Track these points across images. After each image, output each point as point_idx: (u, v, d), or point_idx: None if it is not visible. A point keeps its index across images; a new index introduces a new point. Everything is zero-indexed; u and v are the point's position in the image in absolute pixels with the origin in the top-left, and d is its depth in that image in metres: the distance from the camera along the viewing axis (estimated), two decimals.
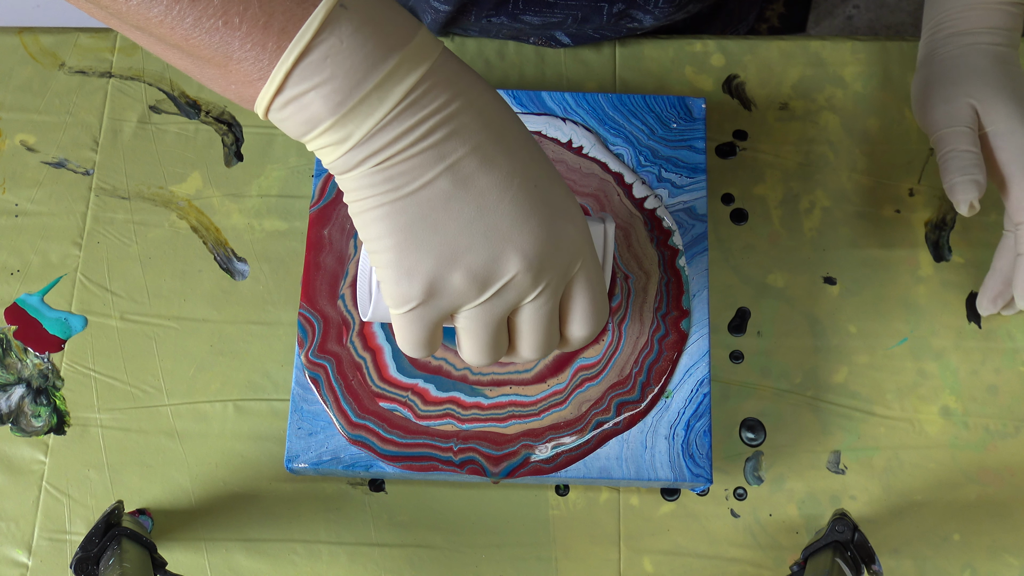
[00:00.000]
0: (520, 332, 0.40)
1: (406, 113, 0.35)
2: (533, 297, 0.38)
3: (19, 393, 0.56)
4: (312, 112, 0.34)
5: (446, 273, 0.37)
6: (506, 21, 0.62)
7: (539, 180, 0.38)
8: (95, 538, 0.47)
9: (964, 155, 0.52)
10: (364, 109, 0.34)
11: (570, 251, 0.38)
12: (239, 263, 0.59)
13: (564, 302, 0.40)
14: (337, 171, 0.36)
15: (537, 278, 0.38)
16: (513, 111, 0.39)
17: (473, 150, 0.36)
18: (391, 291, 0.38)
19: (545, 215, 0.37)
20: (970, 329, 0.59)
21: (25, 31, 0.64)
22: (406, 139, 0.35)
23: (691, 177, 0.57)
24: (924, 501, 0.55)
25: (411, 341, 0.39)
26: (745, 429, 0.56)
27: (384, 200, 0.36)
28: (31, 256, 0.59)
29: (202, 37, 0.34)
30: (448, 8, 0.60)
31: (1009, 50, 0.54)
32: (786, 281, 0.59)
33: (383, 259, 0.37)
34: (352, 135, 0.35)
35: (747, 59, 0.64)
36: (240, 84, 0.35)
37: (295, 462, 0.52)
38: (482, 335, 0.39)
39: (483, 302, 0.38)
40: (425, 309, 0.38)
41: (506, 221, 0.37)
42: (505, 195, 0.37)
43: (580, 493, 0.55)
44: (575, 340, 0.42)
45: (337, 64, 0.34)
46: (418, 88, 0.35)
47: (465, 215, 0.36)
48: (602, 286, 0.41)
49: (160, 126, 0.62)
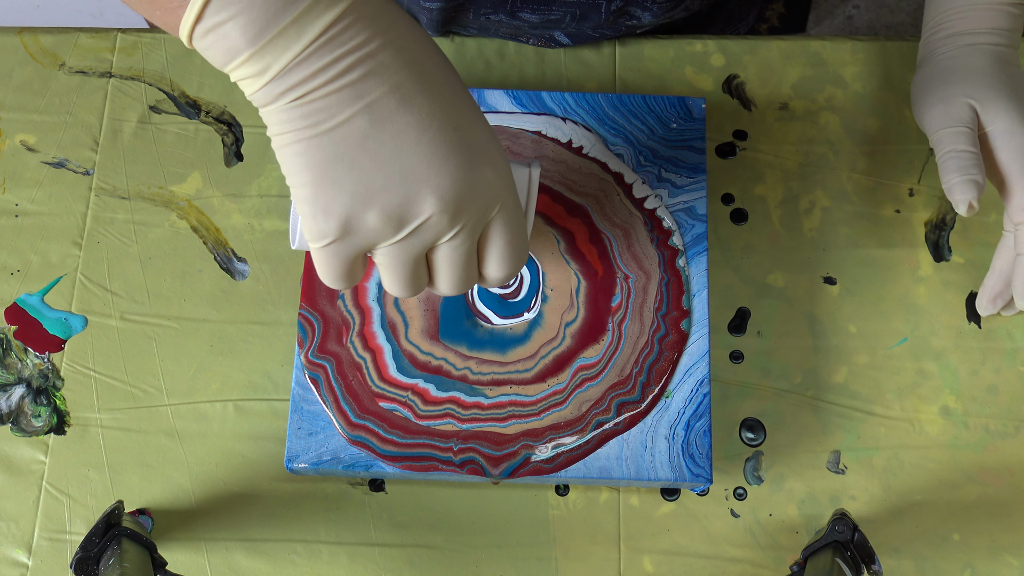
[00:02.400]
0: (437, 270, 0.41)
1: (324, 49, 0.35)
2: (449, 237, 0.39)
3: (19, 393, 0.57)
4: (231, 42, 0.35)
5: (361, 211, 0.37)
6: (504, 19, 0.62)
7: (460, 122, 0.38)
8: (95, 538, 0.47)
9: (963, 155, 0.52)
10: (281, 42, 0.35)
11: (488, 194, 0.39)
12: (239, 263, 0.59)
13: (482, 243, 0.41)
14: (258, 104, 0.37)
15: (453, 219, 0.38)
16: (440, 52, 0.39)
17: (392, 90, 0.36)
18: (308, 226, 0.38)
19: (463, 157, 0.38)
20: (970, 329, 0.59)
21: (25, 31, 0.64)
22: (323, 75, 0.35)
23: (691, 177, 0.57)
24: (924, 501, 0.55)
25: (328, 274, 0.40)
26: (745, 429, 0.56)
27: (302, 136, 0.36)
28: (31, 256, 0.59)
29: None
30: (439, 5, 0.60)
31: (1009, 50, 0.54)
32: (786, 281, 0.59)
33: (301, 194, 0.38)
34: (270, 67, 0.35)
35: (747, 59, 0.64)
36: (163, 10, 0.36)
37: (295, 462, 0.52)
38: (399, 271, 0.40)
39: (399, 240, 0.38)
40: (341, 245, 0.38)
41: (423, 162, 0.37)
42: (423, 136, 0.37)
43: (580, 493, 0.55)
44: (492, 279, 0.42)
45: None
46: (337, 24, 0.35)
47: (382, 155, 0.37)
48: (522, 229, 0.42)
49: (160, 126, 0.62)
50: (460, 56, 0.64)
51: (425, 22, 0.63)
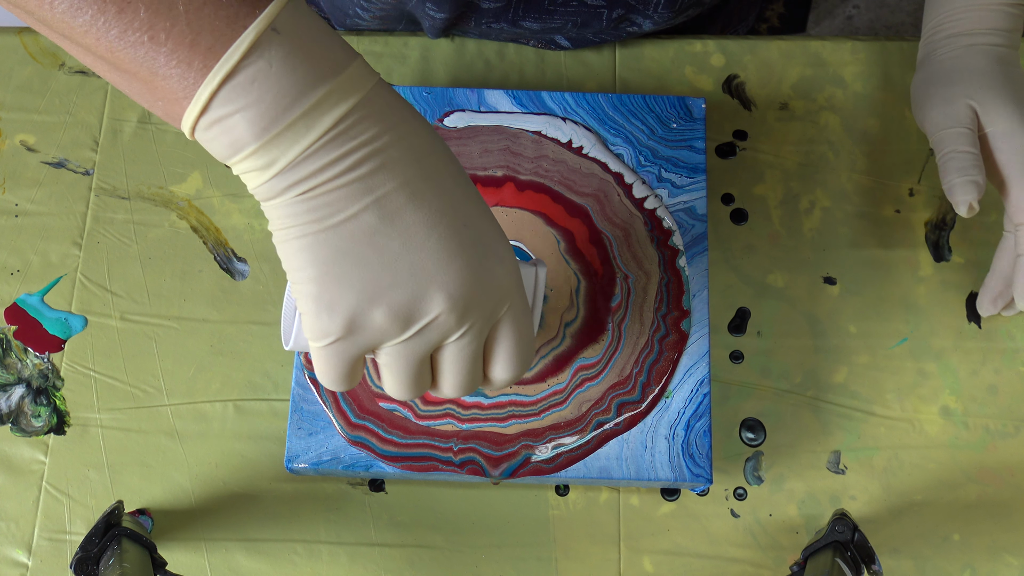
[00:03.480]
0: (442, 370, 0.39)
1: (333, 143, 0.34)
2: (456, 337, 0.38)
3: (19, 393, 0.56)
4: (237, 135, 0.34)
5: (368, 309, 0.36)
6: (506, 27, 0.62)
7: (469, 219, 0.37)
8: (95, 538, 0.47)
9: (963, 156, 0.52)
10: (290, 136, 0.34)
11: (497, 293, 0.38)
12: (239, 263, 0.59)
13: (489, 343, 0.39)
14: (261, 197, 0.35)
15: (461, 318, 0.37)
16: (447, 149, 0.38)
17: (402, 185, 0.35)
18: (311, 324, 0.37)
19: (473, 255, 0.37)
20: (970, 329, 0.59)
21: (25, 31, 0.64)
22: (332, 170, 0.34)
23: (691, 177, 0.57)
24: (924, 501, 0.55)
25: (329, 376, 0.38)
26: (745, 429, 0.56)
27: (307, 231, 0.35)
28: (31, 256, 0.59)
29: (127, 50, 0.33)
30: (444, 15, 0.60)
31: (1009, 51, 0.54)
32: (786, 281, 0.59)
33: (304, 291, 0.36)
34: (276, 161, 0.34)
35: (747, 59, 0.64)
36: (166, 101, 0.34)
37: (295, 462, 0.52)
38: (403, 372, 0.38)
39: (405, 340, 0.37)
40: (344, 344, 0.37)
41: (432, 259, 0.36)
42: (432, 233, 0.36)
43: (580, 493, 0.55)
44: (497, 382, 0.41)
45: (264, 88, 0.33)
46: (347, 119, 0.34)
47: (390, 251, 0.35)
48: (529, 330, 0.40)
49: (160, 126, 0.62)
50: (460, 56, 0.64)
51: (427, 27, 0.63)
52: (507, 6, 0.60)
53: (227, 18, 0.33)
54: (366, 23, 0.66)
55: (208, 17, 0.33)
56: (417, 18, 0.63)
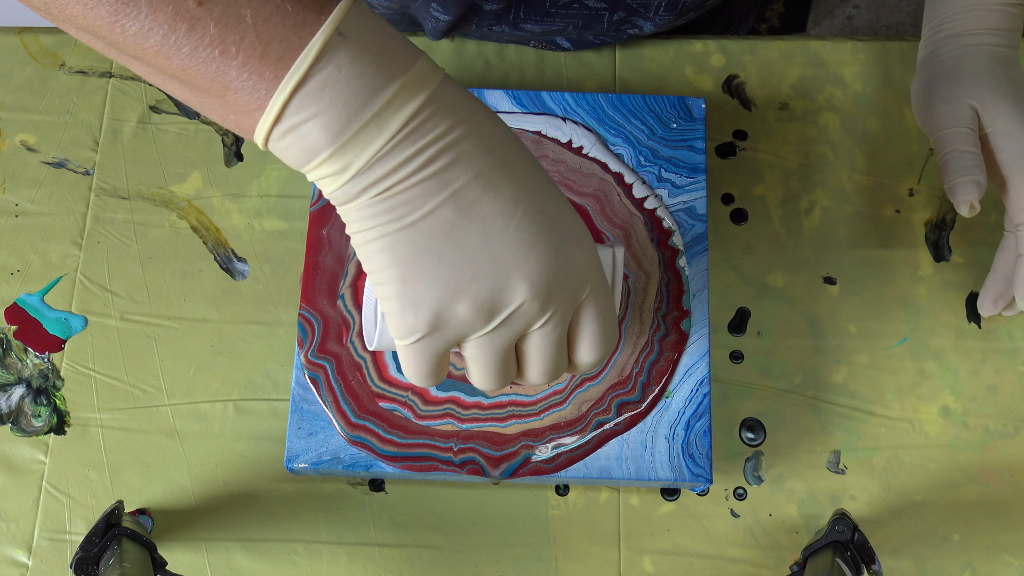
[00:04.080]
0: (528, 358, 0.40)
1: (406, 142, 0.34)
2: (541, 324, 0.38)
3: (19, 393, 0.57)
4: (311, 142, 0.34)
5: (452, 304, 0.36)
6: (507, 29, 0.62)
7: (545, 206, 0.37)
8: (95, 538, 0.47)
9: (964, 156, 0.52)
10: (363, 138, 0.34)
11: (578, 277, 0.38)
12: (239, 263, 0.59)
13: (573, 328, 0.40)
14: (338, 202, 0.36)
15: (545, 305, 0.37)
16: (517, 138, 0.38)
17: (476, 177, 0.35)
18: (396, 323, 0.37)
19: (552, 241, 0.37)
20: (970, 329, 0.59)
21: (25, 31, 0.64)
22: (406, 168, 0.34)
23: (691, 177, 0.57)
24: (924, 501, 0.55)
25: (418, 372, 0.38)
26: (745, 429, 0.56)
27: (386, 231, 0.35)
28: (31, 256, 0.59)
29: (199, 67, 0.34)
30: (448, 18, 0.60)
31: (1009, 51, 0.54)
32: (786, 281, 0.59)
33: (387, 291, 0.36)
34: (351, 165, 0.34)
35: (747, 59, 0.64)
36: (238, 114, 0.35)
37: (295, 462, 0.52)
38: (490, 363, 0.39)
39: (490, 331, 0.37)
40: (431, 340, 0.37)
41: (511, 248, 0.36)
42: (510, 222, 0.36)
43: (580, 493, 0.55)
44: (583, 365, 0.41)
45: (335, 93, 0.33)
46: (418, 116, 0.34)
47: (469, 243, 0.36)
48: (612, 311, 0.40)
49: (160, 126, 0.62)
50: (460, 56, 0.64)
51: (429, 29, 0.63)
52: (508, 8, 0.60)
53: (294, 26, 0.33)
54: None
55: (276, 27, 0.33)
56: (420, 20, 0.63)
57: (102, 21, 0.34)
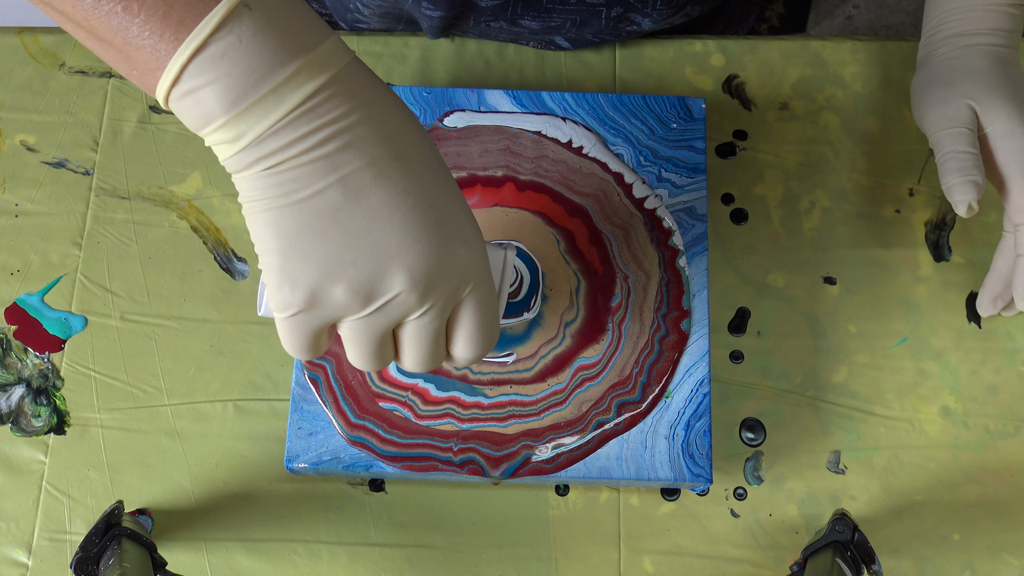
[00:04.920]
0: (403, 346, 0.40)
1: (301, 120, 0.35)
2: (418, 315, 0.38)
3: (19, 393, 0.57)
4: (206, 107, 0.34)
5: (328, 285, 0.36)
6: (505, 26, 0.62)
7: (436, 200, 0.37)
8: (95, 538, 0.47)
9: (963, 156, 0.52)
10: (258, 111, 0.34)
11: (460, 274, 0.38)
12: (239, 263, 0.59)
13: (451, 322, 0.40)
14: (231, 169, 0.36)
15: (423, 298, 0.37)
16: (421, 129, 0.38)
17: (368, 164, 0.36)
18: (274, 296, 0.37)
19: (437, 236, 0.37)
20: (970, 329, 0.59)
21: (25, 31, 0.64)
22: (298, 146, 0.35)
23: (691, 177, 0.57)
24: (924, 501, 0.55)
25: (292, 344, 0.39)
26: (745, 429, 0.56)
27: (273, 205, 0.36)
28: (31, 256, 0.59)
29: (101, 19, 0.34)
30: (440, 13, 0.60)
31: (1009, 51, 0.54)
32: (786, 281, 0.59)
33: (268, 262, 0.37)
34: (244, 135, 0.35)
35: (747, 59, 0.64)
36: (140, 71, 0.35)
37: (295, 462, 0.52)
38: (363, 346, 0.39)
39: (365, 316, 0.38)
40: (306, 316, 0.37)
41: (394, 238, 0.36)
42: (396, 212, 0.36)
43: (580, 493, 0.55)
44: (460, 360, 0.41)
45: (233, 63, 0.34)
46: (317, 96, 0.35)
47: (353, 228, 0.36)
48: (493, 311, 0.41)
49: (160, 126, 0.62)
50: (460, 56, 0.64)
51: (425, 27, 0.63)
52: (505, 4, 0.60)
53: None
54: (366, 20, 0.66)
55: None
56: (415, 18, 0.63)
57: None
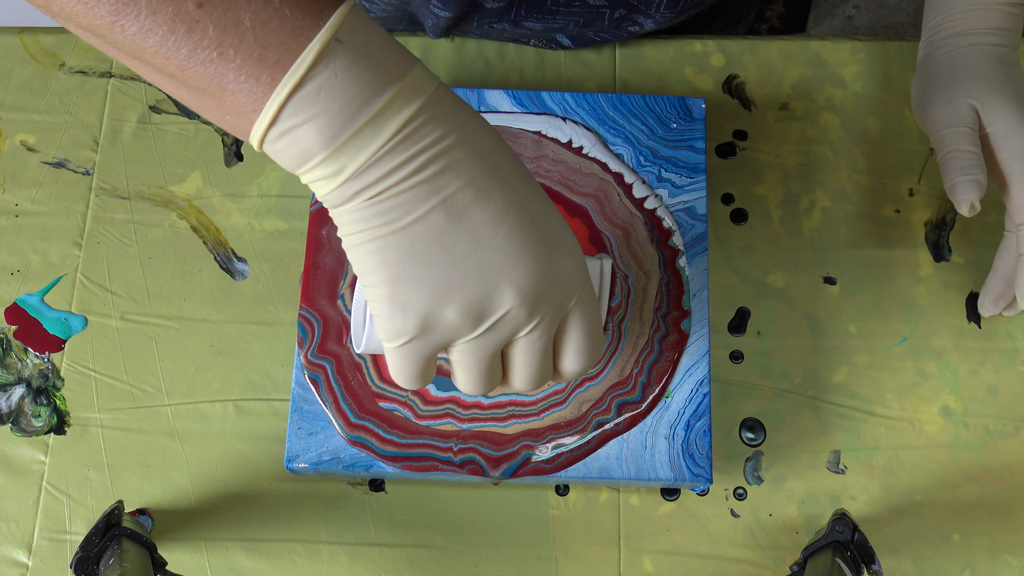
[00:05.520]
0: (514, 365, 0.40)
1: (400, 147, 0.35)
2: (527, 331, 0.38)
3: (19, 393, 0.57)
4: (305, 145, 0.34)
5: (440, 308, 0.37)
6: (508, 27, 0.62)
7: (535, 215, 0.37)
8: (95, 538, 0.47)
9: (965, 155, 0.52)
10: (357, 143, 0.34)
11: (565, 286, 0.38)
12: (239, 263, 0.59)
13: (559, 336, 0.40)
14: (331, 204, 0.36)
15: (532, 313, 0.38)
16: (509, 147, 0.38)
17: (467, 184, 0.36)
18: (384, 325, 0.37)
19: (540, 250, 0.37)
20: (970, 329, 0.59)
21: (25, 31, 0.64)
22: (399, 173, 0.35)
23: (691, 177, 0.57)
24: (924, 501, 0.55)
25: (404, 374, 0.39)
26: (745, 429, 0.56)
27: (377, 234, 0.36)
28: (31, 256, 0.59)
29: (197, 68, 0.34)
30: (449, 14, 0.60)
31: (1009, 51, 0.54)
32: (786, 281, 0.59)
33: (377, 293, 0.37)
34: (345, 168, 0.35)
35: (747, 59, 0.64)
36: (235, 115, 0.35)
37: (295, 462, 0.52)
38: (476, 368, 0.39)
39: (476, 336, 0.38)
40: (418, 343, 0.38)
41: (500, 256, 0.36)
42: (499, 229, 0.36)
43: (580, 493, 0.55)
44: (568, 374, 0.41)
45: (331, 98, 0.34)
46: (412, 122, 0.35)
47: (459, 249, 0.36)
48: (598, 321, 0.41)
49: (160, 126, 0.62)
50: (460, 56, 0.64)
51: (430, 27, 0.63)
52: (509, 6, 0.60)
53: (292, 31, 0.34)
54: None
55: (274, 31, 0.33)
56: (420, 18, 0.63)
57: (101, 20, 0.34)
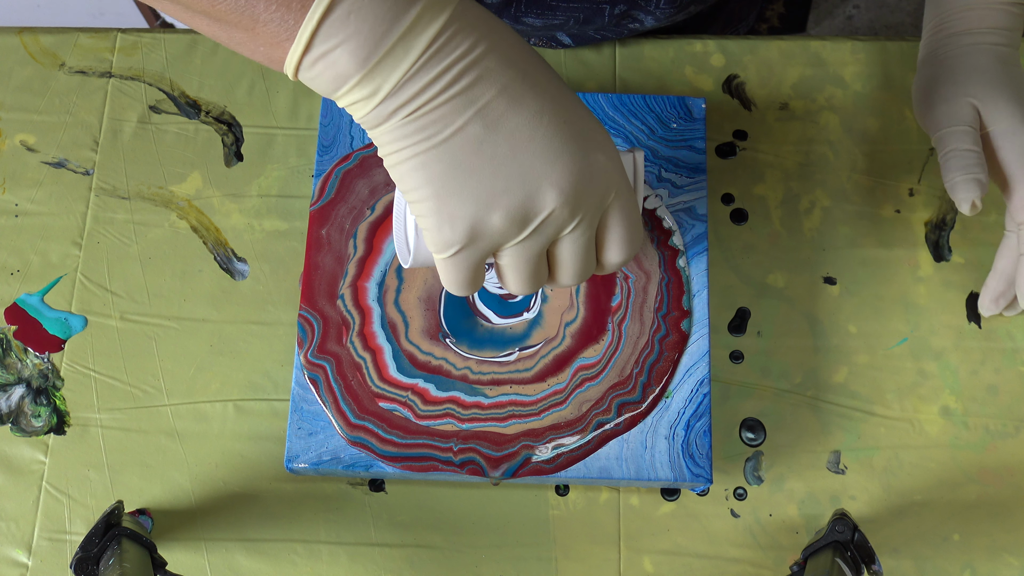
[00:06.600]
0: (560, 262, 0.41)
1: (432, 61, 0.35)
2: (571, 229, 0.39)
3: (19, 393, 0.57)
4: (340, 68, 0.35)
5: (486, 215, 0.38)
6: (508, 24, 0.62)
7: (568, 115, 0.38)
8: (95, 538, 0.47)
9: (966, 154, 0.52)
10: (390, 61, 0.35)
11: (604, 181, 0.39)
12: (239, 263, 0.59)
13: (600, 230, 0.41)
14: (369, 125, 0.37)
15: (574, 210, 0.39)
16: (536, 52, 0.39)
17: (501, 92, 0.37)
18: (434, 238, 0.38)
19: (576, 148, 0.38)
20: (970, 329, 0.59)
21: (25, 31, 0.64)
22: (434, 87, 0.36)
23: (691, 177, 0.57)
24: (924, 501, 0.55)
25: (456, 281, 0.40)
26: (745, 429, 0.56)
27: (418, 150, 0.37)
28: (31, 256, 0.59)
29: (228, 2, 0.35)
30: None
31: (1010, 50, 0.54)
32: (786, 281, 0.59)
33: (423, 208, 0.38)
34: (381, 88, 0.35)
35: (747, 59, 0.64)
36: (268, 46, 0.36)
37: (295, 462, 0.52)
38: (524, 269, 0.40)
39: (523, 239, 0.39)
40: (469, 251, 0.39)
41: (539, 159, 0.37)
42: (536, 133, 0.37)
43: (580, 493, 0.55)
44: (611, 265, 0.43)
45: (361, 19, 0.34)
46: (441, 36, 0.36)
47: (498, 156, 0.37)
48: (636, 213, 0.42)
49: (160, 126, 0.62)
50: None
51: None
52: (509, 2, 0.60)
53: None
54: None
55: None
56: None
57: None
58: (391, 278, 0.55)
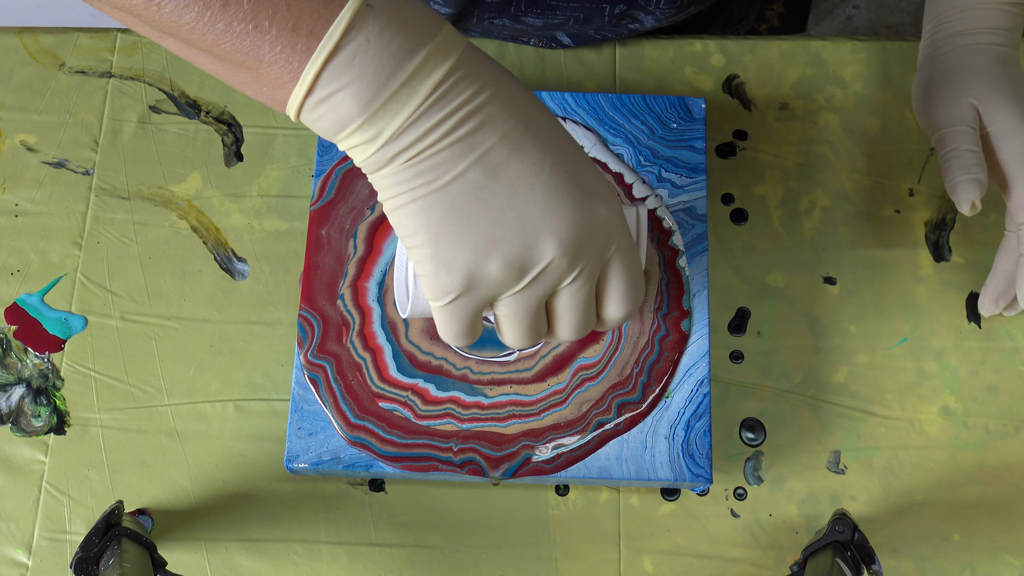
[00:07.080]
0: (558, 315, 0.41)
1: (435, 107, 0.35)
2: (570, 280, 0.39)
3: (19, 393, 0.57)
4: (343, 112, 0.35)
5: (483, 263, 0.37)
6: (508, 23, 0.62)
7: (570, 165, 0.38)
8: (95, 538, 0.47)
9: (966, 154, 0.52)
10: (393, 106, 0.35)
11: (605, 233, 0.39)
12: (239, 263, 0.59)
13: (600, 284, 0.41)
14: (369, 169, 0.37)
15: (573, 261, 0.38)
16: (539, 100, 0.39)
17: (502, 139, 0.36)
18: (430, 284, 0.38)
19: (578, 198, 0.38)
20: (970, 329, 0.59)
21: (25, 31, 0.64)
22: (436, 132, 0.35)
23: (691, 177, 0.57)
24: (924, 501, 0.55)
25: (453, 331, 0.40)
26: (745, 429, 0.56)
27: (417, 195, 0.36)
28: (31, 256, 0.59)
29: (233, 42, 0.35)
30: (449, 11, 0.60)
31: (1010, 50, 0.54)
32: (786, 281, 0.59)
33: (420, 254, 0.38)
34: (382, 132, 0.35)
35: (747, 59, 0.64)
36: (271, 86, 0.36)
37: (295, 462, 0.52)
38: (522, 320, 0.40)
39: (521, 289, 0.38)
40: (465, 300, 0.38)
41: (539, 207, 0.37)
42: (536, 181, 0.37)
43: (580, 493, 0.55)
44: (611, 321, 0.42)
45: (365, 63, 0.34)
46: (445, 82, 0.35)
47: (498, 204, 0.37)
48: (638, 267, 0.41)
49: (160, 126, 0.62)
50: None
51: None
52: (509, 1, 0.60)
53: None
54: None
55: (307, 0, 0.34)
56: None
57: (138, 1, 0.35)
58: (391, 278, 0.55)
